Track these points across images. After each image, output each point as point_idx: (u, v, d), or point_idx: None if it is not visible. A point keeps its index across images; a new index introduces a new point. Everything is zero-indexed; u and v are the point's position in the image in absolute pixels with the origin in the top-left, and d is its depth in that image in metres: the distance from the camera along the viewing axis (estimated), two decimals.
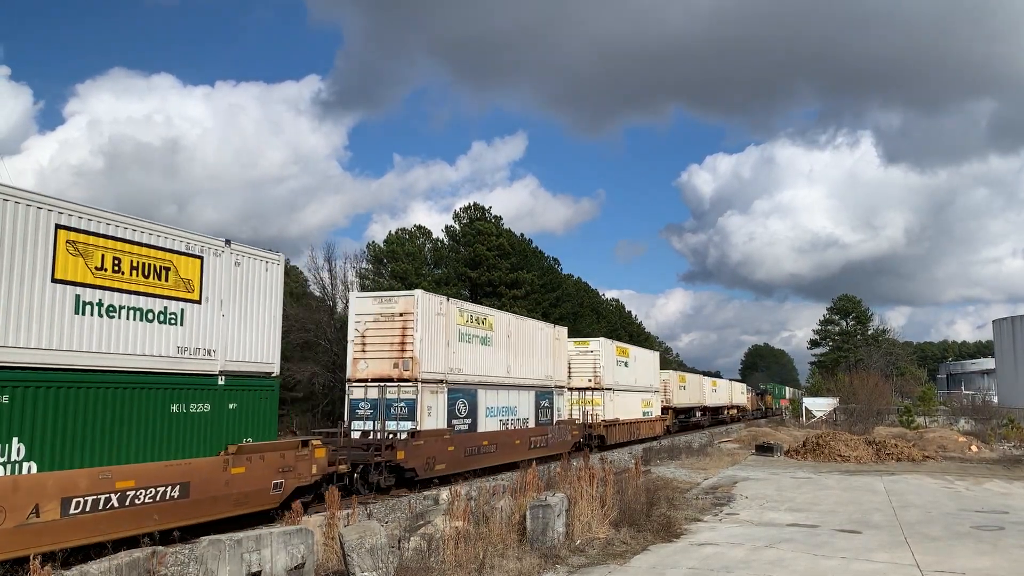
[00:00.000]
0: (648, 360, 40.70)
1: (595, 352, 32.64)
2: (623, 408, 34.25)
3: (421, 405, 18.86)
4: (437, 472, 18.75)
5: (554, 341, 27.47)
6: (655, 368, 41.86)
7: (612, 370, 33.47)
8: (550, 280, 67.92)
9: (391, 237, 55.37)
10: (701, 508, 15.28)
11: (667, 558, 10.61)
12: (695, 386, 53.88)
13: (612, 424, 32.45)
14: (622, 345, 37.00)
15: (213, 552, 8.07)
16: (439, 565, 9.10)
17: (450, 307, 20.77)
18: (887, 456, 26.36)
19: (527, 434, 24.36)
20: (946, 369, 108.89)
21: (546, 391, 26.48)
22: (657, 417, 40.27)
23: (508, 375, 23.59)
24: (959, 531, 12.82)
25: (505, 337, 23.77)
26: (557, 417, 26.94)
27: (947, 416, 50.55)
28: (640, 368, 38.07)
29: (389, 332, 19.37)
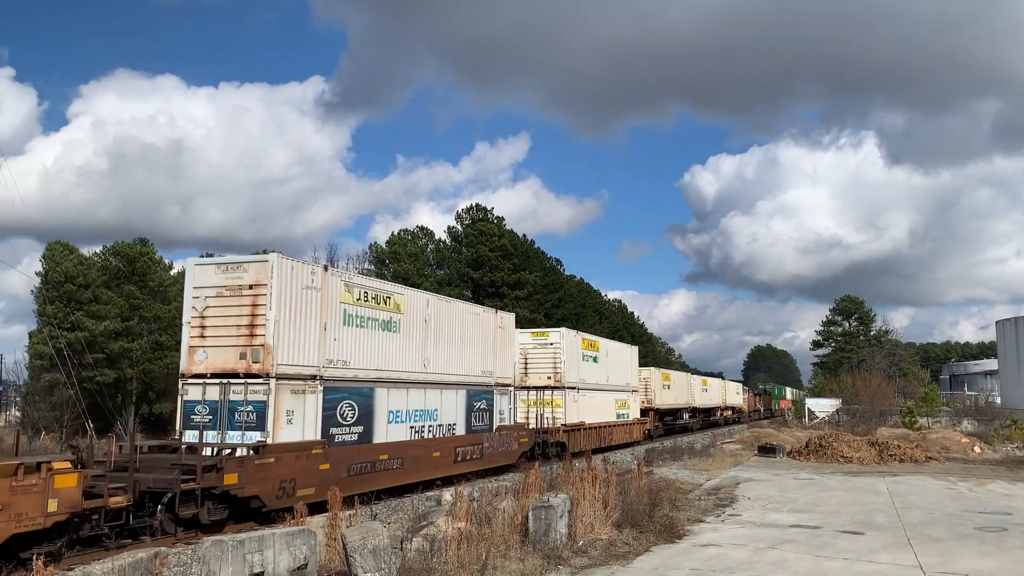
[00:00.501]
0: (624, 355, 36.26)
1: (556, 345, 28.23)
2: (591, 410, 30.19)
3: (275, 409, 14.22)
4: (301, 498, 13.61)
5: (496, 330, 23.23)
6: (633, 364, 37.40)
7: (577, 366, 29.35)
8: (552, 281, 67.94)
9: (393, 238, 55.44)
10: (703, 509, 15.27)
11: (669, 559, 10.61)
12: (682, 385, 49.32)
13: (575, 429, 28.30)
14: (590, 337, 32.42)
15: (216, 553, 8.08)
16: (441, 566, 9.11)
17: (330, 280, 16.07)
18: (890, 457, 26.32)
19: (451, 444, 20.06)
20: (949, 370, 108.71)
21: (483, 391, 22.23)
22: (635, 420, 36.04)
23: (425, 371, 19.14)
24: (962, 532, 12.79)
25: (421, 322, 19.19)
26: (499, 422, 22.83)
27: (950, 417, 50.43)
28: (614, 364, 33.75)
29: (236, 311, 14.55)
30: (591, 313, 74.44)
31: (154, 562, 8.27)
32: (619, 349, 36.10)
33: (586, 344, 30.99)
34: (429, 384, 19.41)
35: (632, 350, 38.28)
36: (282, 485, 13.96)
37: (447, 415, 20.24)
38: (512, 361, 24.39)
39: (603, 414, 31.71)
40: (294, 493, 14.01)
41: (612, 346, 35.07)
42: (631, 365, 36.93)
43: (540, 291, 61.79)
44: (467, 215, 60.22)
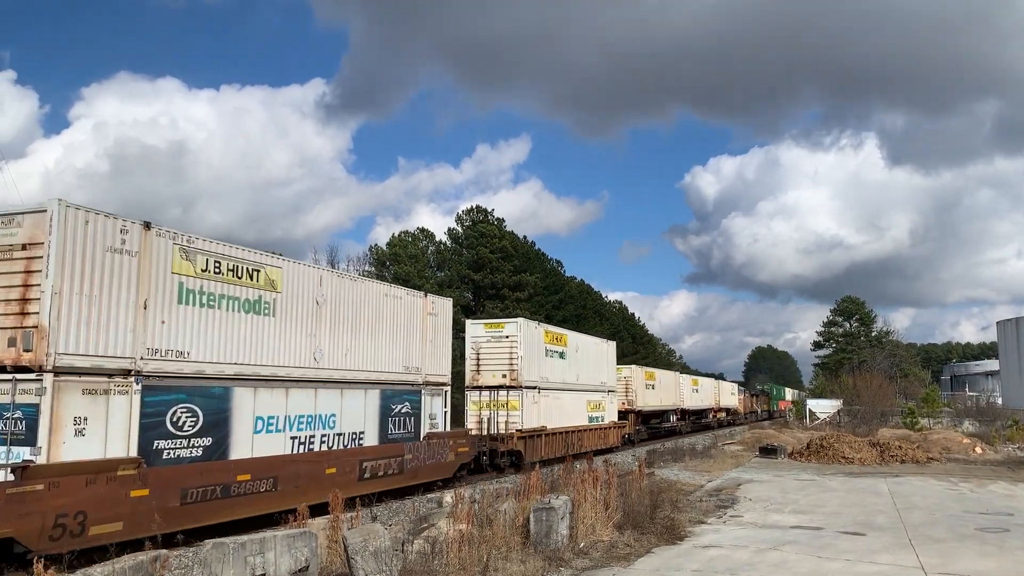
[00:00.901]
0: (598, 351, 32.37)
1: (512, 338, 24.58)
2: (556, 413, 26.74)
3: (53, 415, 10.42)
4: (98, 538, 10.61)
5: (426, 317, 19.47)
6: (609, 362, 33.62)
7: (539, 362, 25.85)
8: (553, 282, 67.97)
9: (394, 240, 55.47)
10: (705, 510, 15.26)
11: (671, 560, 10.60)
12: (669, 385, 45.58)
13: (535, 435, 24.85)
14: (555, 329, 28.60)
15: (217, 555, 8.08)
16: (443, 568, 9.11)
17: (154, 243, 12.16)
18: (891, 458, 26.30)
19: (354, 458, 16.17)
20: (950, 370, 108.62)
21: (406, 391, 18.39)
22: (611, 424, 32.53)
23: (316, 366, 15.33)
24: (963, 533, 12.79)
25: (310, 304, 15.35)
26: (428, 428, 19.08)
27: (951, 418, 50.43)
28: (585, 361, 30.18)
29: (5, 280, 10.86)
30: (592, 314, 74.42)
31: (155, 565, 8.27)
32: (592, 344, 32.10)
33: (550, 337, 27.18)
34: (322, 383, 15.48)
35: (608, 345, 34.17)
36: (60, 522, 10.23)
37: (351, 422, 16.28)
38: (448, 355, 20.28)
39: (571, 417, 28.25)
40: (85, 531, 10.54)
41: (583, 340, 31.15)
42: (607, 362, 33.32)
43: (541, 293, 61.79)
44: (467, 217, 60.25)
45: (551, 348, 27.17)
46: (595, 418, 30.76)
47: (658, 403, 42.41)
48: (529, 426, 24.50)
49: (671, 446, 33.14)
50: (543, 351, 26.40)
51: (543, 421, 25.67)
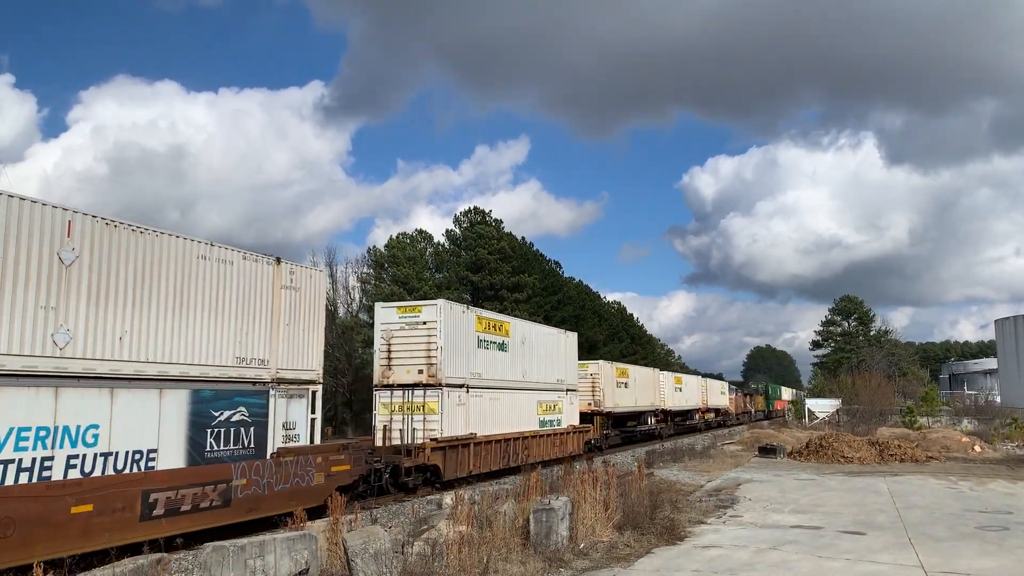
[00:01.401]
0: (553, 343, 27.71)
1: (432, 325, 20.12)
2: (492, 417, 22.41)
3: None
4: None
5: (279, 291, 14.71)
6: (568, 356, 29.08)
7: (467, 355, 21.47)
8: (552, 283, 67.98)
9: (392, 242, 55.43)
10: (705, 510, 15.26)
11: (671, 561, 10.60)
12: (646, 383, 40.54)
13: (460, 445, 20.36)
14: (493, 316, 23.86)
15: (217, 558, 8.08)
16: (443, 569, 9.10)
17: None
18: (890, 457, 26.32)
19: (134, 488, 11.53)
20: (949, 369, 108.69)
21: (241, 392, 13.70)
22: (570, 428, 27.99)
23: (56, 353, 10.78)
24: (963, 532, 12.80)
25: (49, 261, 10.86)
26: (281, 442, 14.45)
27: (950, 416, 50.50)
28: (535, 355, 25.88)
29: None
30: (590, 315, 74.40)
31: (156, 568, 8.27)
32: (546, 335, 27.39)
33: (485, 325, 22.67)
34: (69, 379, 10.87)
35: (567, 337, 29.33)
36: None
37: (130, 436, 11.63)
38: (318, 345, 15.80)
39: (514, 422, 23.79)
40: None
41: (533, 330, 26.56)
42: (566, 357, 28.68)
43: (540, 294, 61.76)
44: (465, 218, 60.21)
45: (486, 338, 22.50)
46: (549, 422, 26.42)
47: (632, 403, 37.57)
48: (452, 434, 20.03)
49: (670, 446, 33.10)
50: (474, 341, 21.80)
51: (473, 427, 21.15)
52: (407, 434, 19.55)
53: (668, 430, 44.30)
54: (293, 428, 14.98)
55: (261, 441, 14.05)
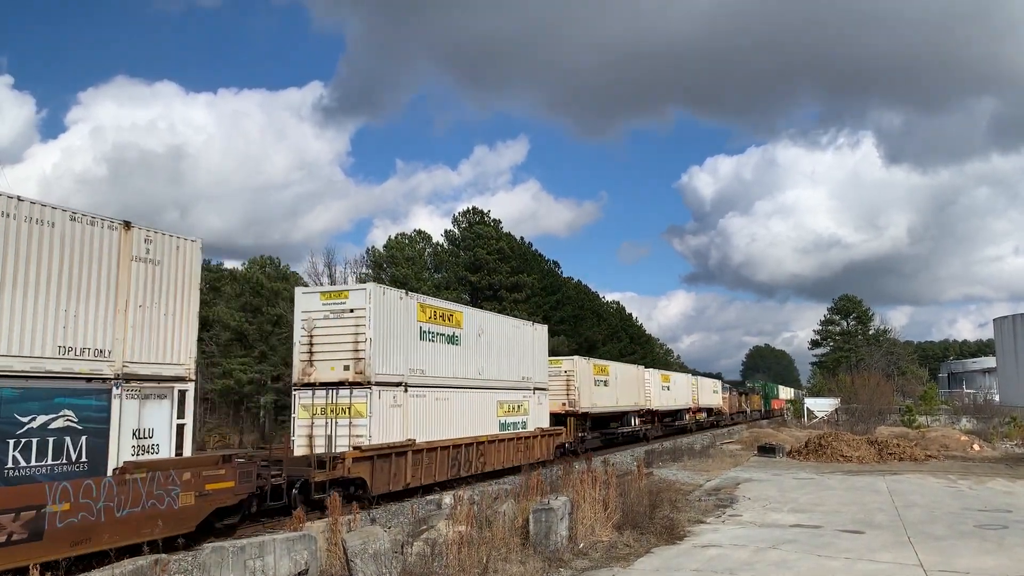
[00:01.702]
0: (518, 337, 24.51)
1: (361, 313, 17.09)
2: (437, 420, 19.26)
3: None
4: None
5: (127, 263, 11.72)
6: (537, 351, 25.71)
7: (406, 348, 18.16)
8: (551, 283, 68.00)
9: (391, 242, 55.41)
10: (704, 510, 15.26)
11: (670, 560, 10.60)
12: (628, 381, 37.22)
13: (395, 453, 17.11)
14: (438, 304, 20.54)
15: (216, 559, 8.08)
16: (442, 569, 9.10)
17: None
18: (889, 456, 26.34)
19: None
20: (947, 368, 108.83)
21: (63, 391, 10.59)
22: (537, 432, 24.74)
23: None
24: (963, 530, 12.81)
25: None
26: (128, 455, 11.32)
27: (949, 415, 50.54)
28: (495, 349, 22.73)
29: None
30: (589, 315, 74.44)
31: (154, 568, 8.26)
32: (509, 327, 24.13)
33: (431, 315, 19.59)
34: None
35: (535, 330, 25.99)
36: None
37: None
38: (190, 332, 12.90)
39: (469, 425, 20.69)
40: None
41: (492, 322, 23.26)
42: (534, 352, 25.41)
43: (539, 294, 61.78)
44: (464, 218, 60.22)
45: (433, 329, 19.53)
46: (512, 425, 23.24)
47: (612, 403, 34.41)
48: (384, 440, 16.83)
49: (669, 446, 33.09)
50: (416, 333, 18.79)
51: (413, 432, 17.94)
52: (332, 441, 16.53)
53: (655, 431, 41.51)
54: (150, 437, 11.90)
55: (98, 454, 10.84)
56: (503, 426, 22.79)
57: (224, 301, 47.32)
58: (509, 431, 23.07)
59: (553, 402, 28.50)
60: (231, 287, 50.44)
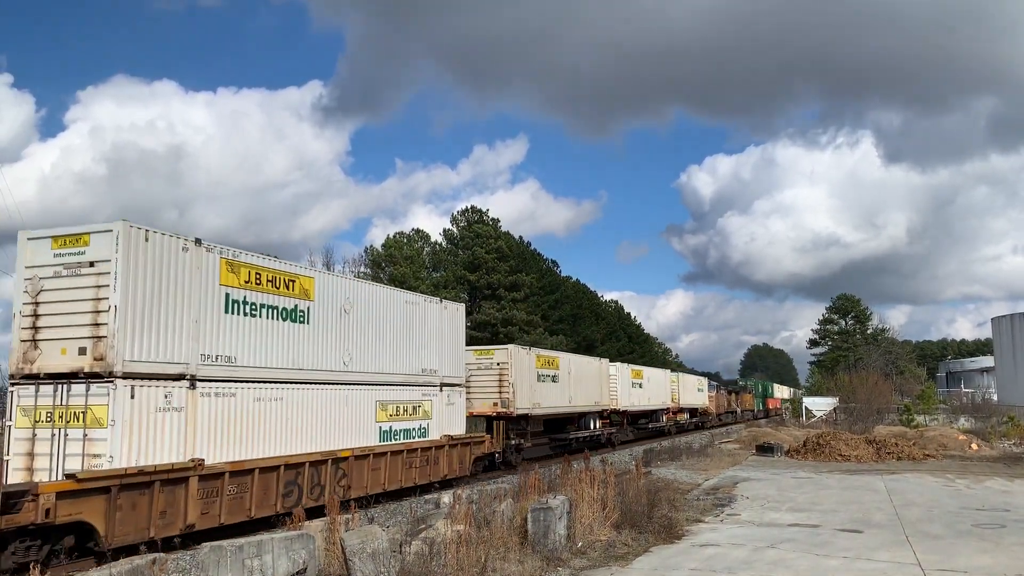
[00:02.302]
0: (414, 316, 19.15)
1: (102, 268, 11.66)
2: (262, 429, 13.95)
3: None
4: None
5: None
6: (449, 337, 20.63)
7: (199, 325, 12.92)
8: (549, 282, 68.06)
9: (389, 241, 55.43)
10: (702, 509, 15.28)
11: (669, 559, 10.61)
12: (587, 378, 31.77)
13: (163, 481, 11.67)
14: (264, 264, 14.51)
15: (214, 558, 8.07)
16: (441, 569, 9.10)
17: None
18: (888, 455, 26.36)
19: None
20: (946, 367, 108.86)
21: None
22: (444, 440, 19.72)
23: None
24: (961, 529, 12.82)
25: None
26: None
27: (947, 414, 50.59)
28: (372, 333, 17.46)
29: None
30: (588, 314, 74.51)
31: (152, 568, 8.25)
32: (396, 302, 18.65)
33: (250, 278, 13.99)
34: None
35: (445, 310, 20.69)
36: None
37: None
38: None
39: (323, 435, 15.47)
40: None
41: (369, 295, 17.66)
42: (442, 338, 20.23)
43: (537, 292, 61.79)
44: (463, 217, 60.22)
45: (253, 300, 13.92)
46: (402, 433, 18.25)
47: (564, 403, 29.23)
48: (141, 462, 11.50)
49: (668, 445, 33.08)
50: (217, 302, 13.28)
51: (203, 449, 12.65)
52: (57, 462, 11.27)
53: (623, 435, 36.14)
54: None
55: None
56: (387, 435, 17.71)
57: None
58: (397, 441, 18.00)
59: (482, 402, 24.48)
60: None
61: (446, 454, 19.89)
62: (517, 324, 53.70)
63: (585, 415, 31.67)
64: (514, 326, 53.19)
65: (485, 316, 53.35)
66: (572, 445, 29.70)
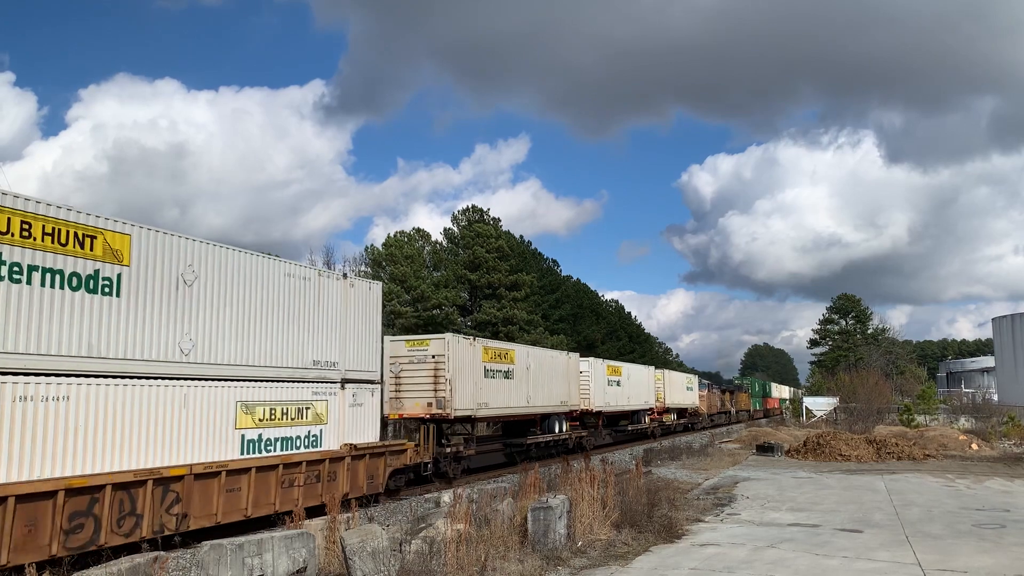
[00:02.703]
0: (298, 291, 15.59)
1: None
2: (34, 439, 10.20)
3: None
4: None
5: None
6: (358, 321, 17.24)
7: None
8: (550, 282, 68.07)
9: (390, 240, 55.37)
10: (702, 509, 15.27)
11: (669, 559, 10.61)
12: (550, 374, 27.75)
13: None
14: (26, 208, 10.38)
15: (214, 557, 8.07)
16: (441, 568, 9.10)
17: None
18: (888, 455, 26.36)
19: None
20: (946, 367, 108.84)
21: None
22: (344, 452, 16.03)
23: None
24: (961, 529, 12.82)
25: None
26: None
27: (947, 414, 50.57)
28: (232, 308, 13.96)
29: None
30: (588, 313, 74.49)
31: (153, 566, 8.26)
32: (271, 273, 15.01)
33: (14, 226, 10.31)
34: None
35: (349, 288, 17.09)
36: None
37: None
38: None
39: (141, 448, 11.85)
40: None
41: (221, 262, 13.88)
42: (344, 321, 16.72)
43: (538, 292, 61.76)
44: (463, 216, 60.16)
45: (7, 255, 10.29)
46: (283, 443, 14.67)
47: (520, 403, 25.08)
48: None
49: (668, 444, 33.02)
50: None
51: None
52: None
53: (597, 439, 32.57)
54: None
55: None
56: (254, 446, 13.97)
57: None
58: (271, 454, 14.26)
59: (414, 402, 21.09)
60: None
61: (347, 468, 15.90)
62: (517, 323, 53.67)
63: (549, 416, 27.81)
64: (514, 325, 53.17)
65: (486, 315, 53.34)
66: (532, 451, 26.02)
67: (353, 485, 16.13)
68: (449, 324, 48.48)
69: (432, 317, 48.68)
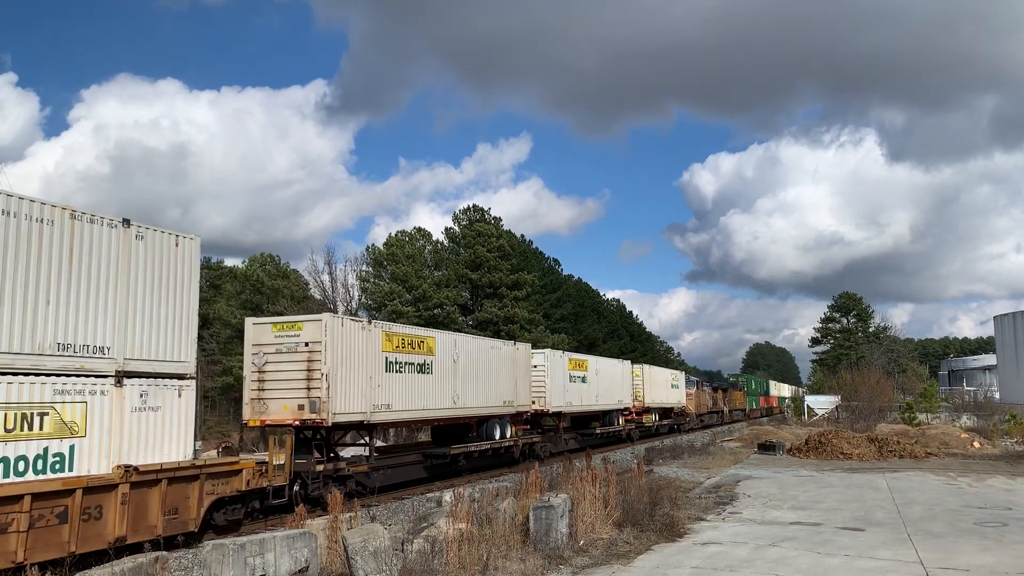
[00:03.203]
0: (9, 237, 9.70)
1: None
2: None
3: None
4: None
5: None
6: (136, 284, 11.45)
7: None
8: (551, 281, 68.07)
9: (391, 240, 55.38)
10: (704, 507, 15.27)
11: (670, 558, 10.61)
12: (491, 368, 23.22)
13: None
14: None
15: (217, 556, 8.08)
16: (443, 567, 9.11)
17: None
18: (889, 453, 26.34)
19: None
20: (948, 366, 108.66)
21: None
22: (116, 476, 10.61)
23: None
24: (962, 528, 12.81)
25: None
26: None
27: (949, 413, 50.50)
28: None
29: None
30: (590, 313, 74.49)
31: (155, 566, 8.27)
32: None
33: None
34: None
35: (139, 239, 11.64)
36: None
37: None
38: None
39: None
40: None
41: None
42: (111, 285, 11.14)
43: (539, 291, 61.77)
44: (464, 216, 60.16)
45: None
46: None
47: (442, 405, 20.48)
48: None
49: (669, 443, 32.99)
50: None
51: None
52: None
53: (555, 444, 28.00)
54: None
55: None
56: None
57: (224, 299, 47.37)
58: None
59: (281, 403, 16.31)
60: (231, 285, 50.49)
61: (123, 500, 10.83)
62: (518, 322, 53.69)
63: (490, 419, 23.21)
64: (515, 324, 53.18)
65: (487, 314, 53.35)
66: (460, 463, 21.58)
67: (138, 525, 11.08)
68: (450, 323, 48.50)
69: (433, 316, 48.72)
